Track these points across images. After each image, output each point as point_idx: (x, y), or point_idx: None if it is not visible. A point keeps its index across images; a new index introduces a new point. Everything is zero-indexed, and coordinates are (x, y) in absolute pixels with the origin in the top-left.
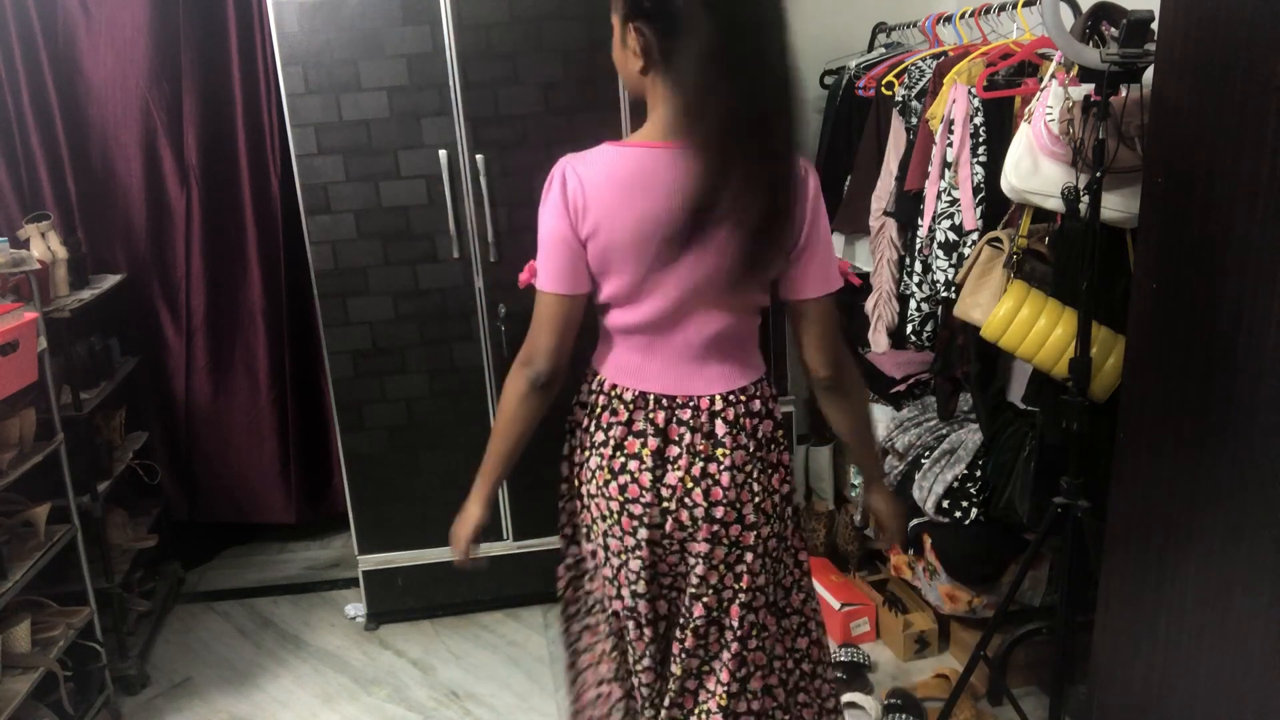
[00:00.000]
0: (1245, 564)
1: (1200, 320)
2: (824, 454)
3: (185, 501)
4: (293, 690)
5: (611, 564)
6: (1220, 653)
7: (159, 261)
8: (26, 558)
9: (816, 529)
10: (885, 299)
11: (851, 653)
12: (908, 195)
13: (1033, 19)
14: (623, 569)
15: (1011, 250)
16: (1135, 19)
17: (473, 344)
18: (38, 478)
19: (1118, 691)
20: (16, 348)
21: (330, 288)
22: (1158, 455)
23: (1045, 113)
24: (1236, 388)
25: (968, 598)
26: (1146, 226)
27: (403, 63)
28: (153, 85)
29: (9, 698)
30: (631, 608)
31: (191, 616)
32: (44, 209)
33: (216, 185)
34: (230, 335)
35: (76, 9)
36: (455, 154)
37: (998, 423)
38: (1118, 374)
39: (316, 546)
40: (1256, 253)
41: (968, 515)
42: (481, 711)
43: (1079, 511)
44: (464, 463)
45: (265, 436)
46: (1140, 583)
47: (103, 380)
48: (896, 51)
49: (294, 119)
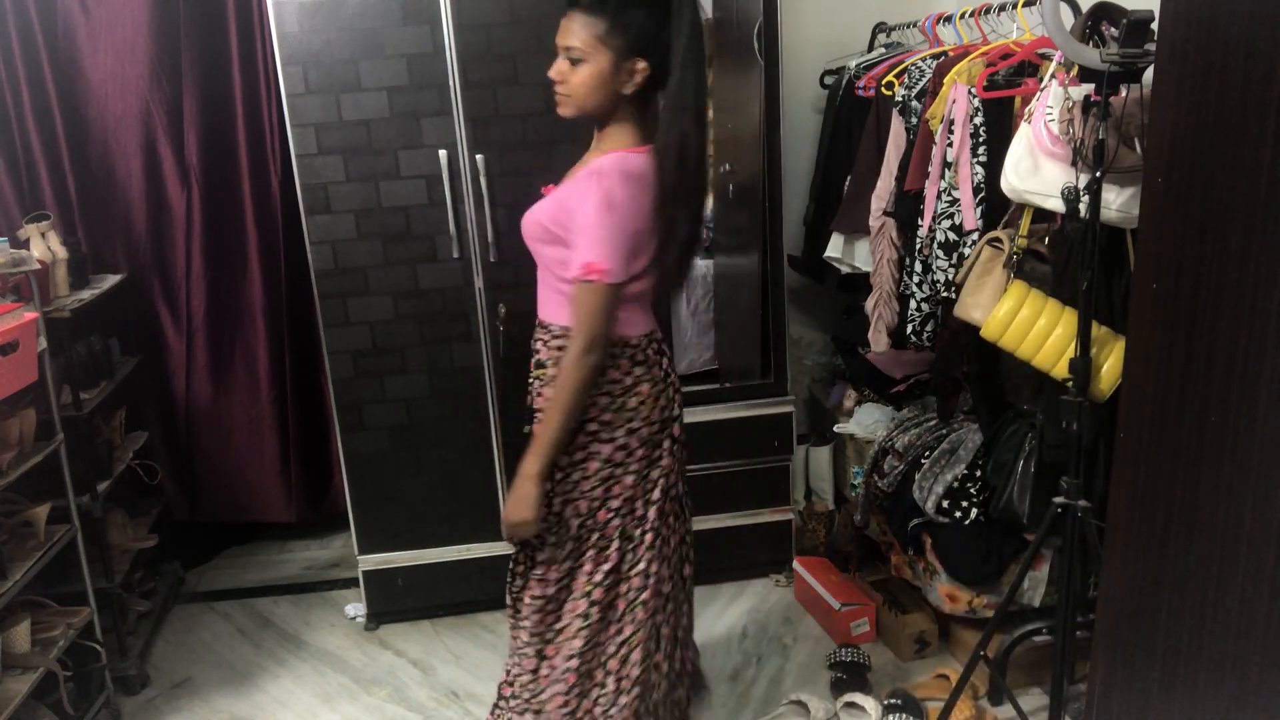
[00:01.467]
0: (1245, 564)
1: (1200, 320)
2: (824, 454)
3: (185, 501)
4: (293, 690)
5: (661, 487)
6: (1220, 653)
7: (159, 261)
8: (26, 558)
9: (816, 529)
10: (885, 299)
11: (851, 653)
12: (908, 195)
13: (1033, 19)
14: (667, 488)
15: (1011, 250)
16: (1135, 19)
17: (473, 344)
18: (38, 478)
19: (1118, 691)
20: (16, 348)
21: (330, 288)
22: (1158, 455)
23: (1045, 113)
24: (1237, 388)
25: (968, 598)
26: (1146, 226)
27: (403, 63)
28: (153, 85)
29: (9, 698)
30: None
31: (191, 616)
32: (44, 209)
33: (216, 185)
34: (230, 335)
35: (76, 9)
36: (455, 154)
37: (998, 423)
38: (1118, 374)
39: (316, 546)
40: (1256, 252)
41: (968, 515)
42: (481, 712)
43: (1079, 511)
44: (464, 463)
45: (265, 436)
46: (1140, 583)
47: (103, 380)
48: (896, 51)
49: (294, 119)
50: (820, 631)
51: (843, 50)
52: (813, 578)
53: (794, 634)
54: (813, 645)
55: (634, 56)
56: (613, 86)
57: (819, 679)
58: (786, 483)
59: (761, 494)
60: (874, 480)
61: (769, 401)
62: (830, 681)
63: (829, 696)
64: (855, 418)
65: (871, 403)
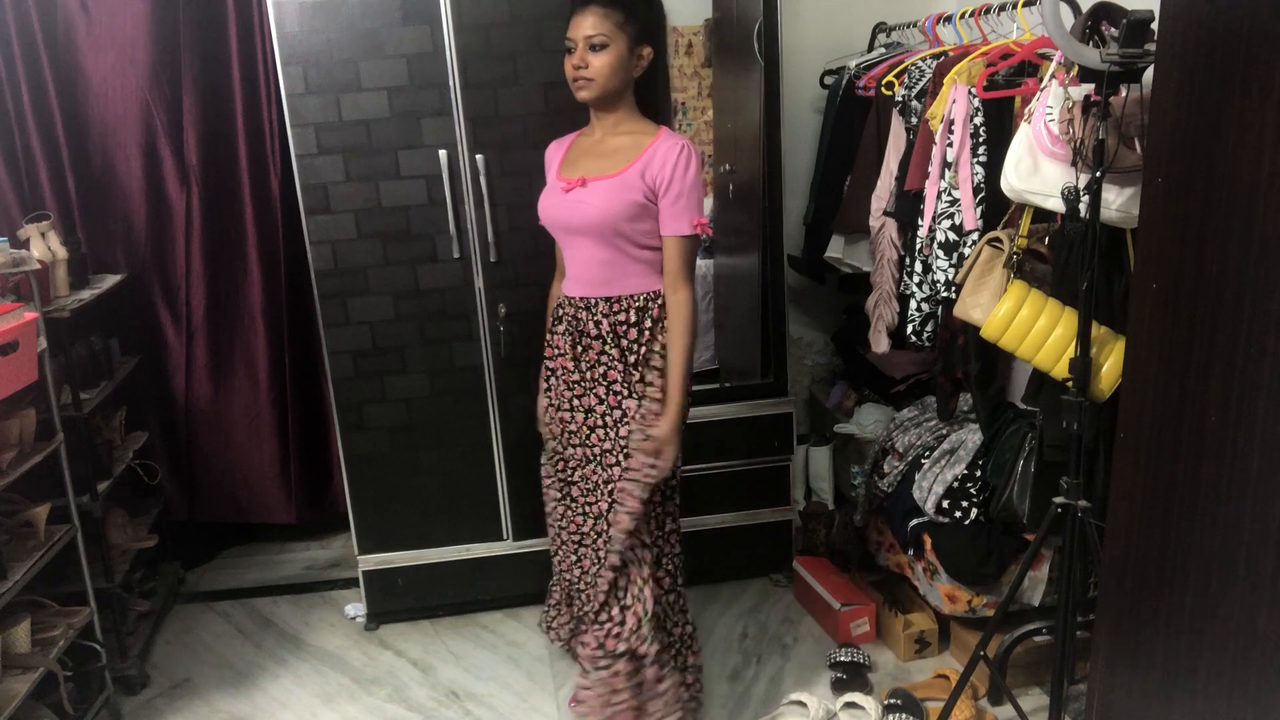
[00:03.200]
0: (1245, 564)
1: (1200, 320)
2: (824, 454)
3: (185, 501)
4: (293, 690)
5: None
6: (1220, 653)
7: (159, 261)
8: (26, 558)
9: (816, 529)
10: (885, 299)
11: (851, 653)
12: (908, 195)
13: (1033, 19)
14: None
15: (1011, 250)
16: (1135, 19)
17: (473, 344)
18: (38, 478)
19: (1118, 691)
20: (16, 348)
21: (330, 288)
22: (1158, 455)
23: (1045, 113)
24: (1237, 388)
25: (968, 598)
26: (1146, 226)
27: (403, 63)
28: (153, 85)
29: (9, 698)
30: None
31: (191, 616)
32: (44, 209)
33: (216, 185)
34: (230, 335)
35: (76, 9)
36: (455, 154)
37: (998, 423)
38: (1118, 374)
39: (316, 546)
40: (1256, 252)
41: (968, 515)
42: (481, 711)
43: (1079, 511)
44: (464, 463)
45: (265, 436)
46: (1140, 583)
47: (103, 380)
48: (896, 51)
49: (294, 119)
50: (820, 631)
51: (843, 50)
52: (813, 578)
53: (794, 634)
54: (813, 645)
55: (643, 43)
56: (628, 70)
57: (819, 679)
58: (786, 483)
59: (761, 494)
60: (874, 480)
61: (769, 401)
62: (830, 681)
63: (829, 696)
64: (855, 418)
65: (871, 403)
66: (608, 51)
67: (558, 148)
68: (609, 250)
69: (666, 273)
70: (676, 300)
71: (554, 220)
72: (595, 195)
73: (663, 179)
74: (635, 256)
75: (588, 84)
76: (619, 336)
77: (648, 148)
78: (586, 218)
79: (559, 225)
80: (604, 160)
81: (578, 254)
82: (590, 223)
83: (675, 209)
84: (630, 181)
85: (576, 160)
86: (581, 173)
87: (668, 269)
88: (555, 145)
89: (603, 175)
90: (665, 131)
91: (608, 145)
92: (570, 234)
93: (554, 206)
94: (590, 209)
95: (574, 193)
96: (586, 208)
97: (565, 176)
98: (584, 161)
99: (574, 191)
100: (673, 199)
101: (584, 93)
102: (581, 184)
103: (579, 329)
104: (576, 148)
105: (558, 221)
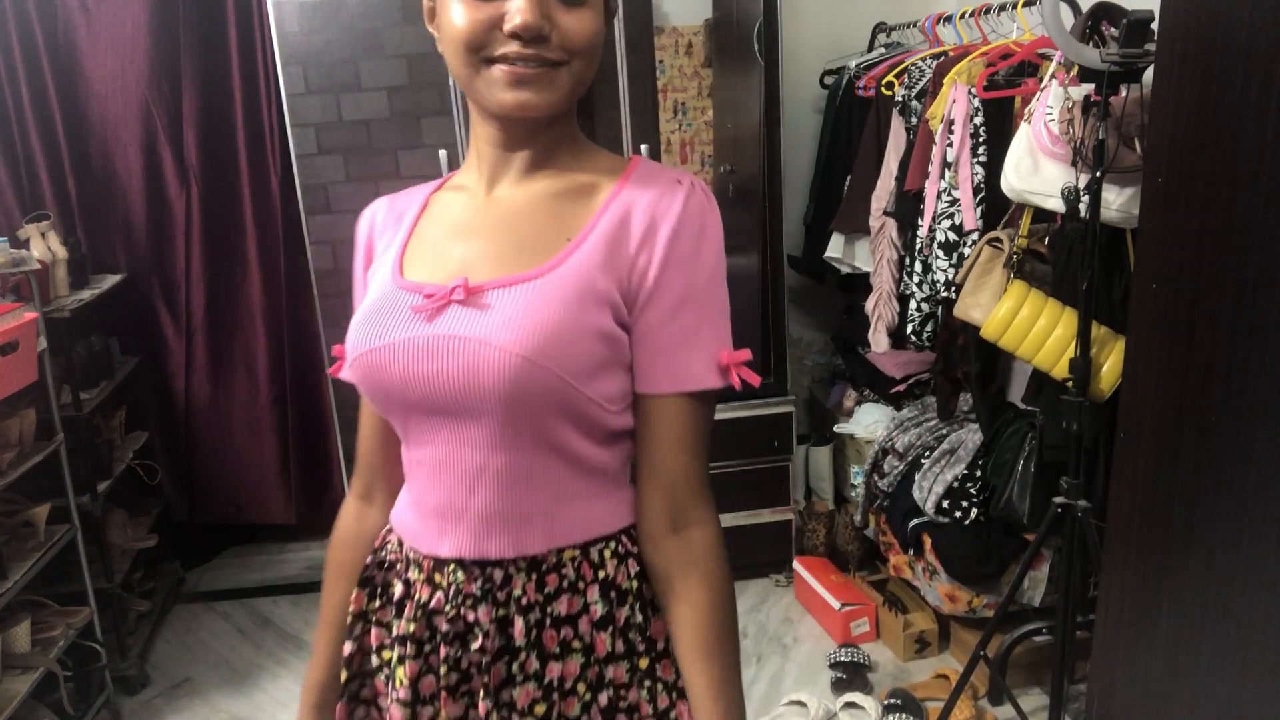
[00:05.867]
0: (1245, 564)
1: (1200, 320)
2: (824, 454)
3: (185, 501)
4: (293, 690)
5: None
6: (1220, 653)
7: (159, 261)
8: (26, 558)
9: (816, 529)
10: (885, 299)
11: (851, 653)
12: (908, 195)
13: (1033, 19)
14: None
15: (1011, 250)
16: (1135, 19)
17: None
18: (38, 478)
19: (1118, 691)
20: (16, 348)
21: (330, 288)
22: (1158, 455)
23: (1045, 113)
24: (1236, 387)
25: (968, 598)
26: (1146, 226)
27: (403, 63)
28: (153, 85)
29: (9, 698)
30: None
31: (191, 616)
32: (44, 209)
33: (216, 185)
34: (230, 335)
35: (76, 9)
36: (455, 154)
37: (998, 423)
38: (1118, 374)
39: (316, 546)
40: (1257, 252)
41: (968, 515)
42: None
43: (1079, 511)
44: None
45: (265, 436)
46: (1140, 582)
47: (103, 380)
48: (896, 51)
49: (294, 119)
50: (820, 631)
51: (843, 50)
52: (813, 578)
53: (794, 634)
54: (813, 645)
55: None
56: (598, 51)
57: (819, 679)
58: (786, 483)
59: (761, 494)
60: (874, 480)
61: (769, 401)
62: (830, 681)
63: (829, 696)
64: (855, 418)
65: (871, 403)
66: (589, 8)
67: (391, 215)
68: (530, 448)
69: (660, 484)
70: (696, 542)
71: (392, 380)
72: (500, 321)
73: (652, 265)
74: (585, 460)
75: (551, 76)
76: (568, 654)
77: (609, 201)
78: (478, 379)
79: (403, 393)
80: (514, 235)
81: (448, 456)
82: (490, 390)
83: (681, 329)
84: (584, 278)
85: (445, 240)
86: (460, 268)
87: (665, 472)
88: (385, 209)
89: (518, 273)
90: (641, 162)
91: (522, 203)
92: (433, 414)
93: (394, 351)
94: (489, 358)
95: (445, 316)
96: (478, 356)
97: (417, 279)
98: (464, 242)
99: (446, 313)
100: (672, 308)
101: (545, 93)
102: (462, 294)
103: (456, 633)
104: (441, 215)
105: (402, 384)
